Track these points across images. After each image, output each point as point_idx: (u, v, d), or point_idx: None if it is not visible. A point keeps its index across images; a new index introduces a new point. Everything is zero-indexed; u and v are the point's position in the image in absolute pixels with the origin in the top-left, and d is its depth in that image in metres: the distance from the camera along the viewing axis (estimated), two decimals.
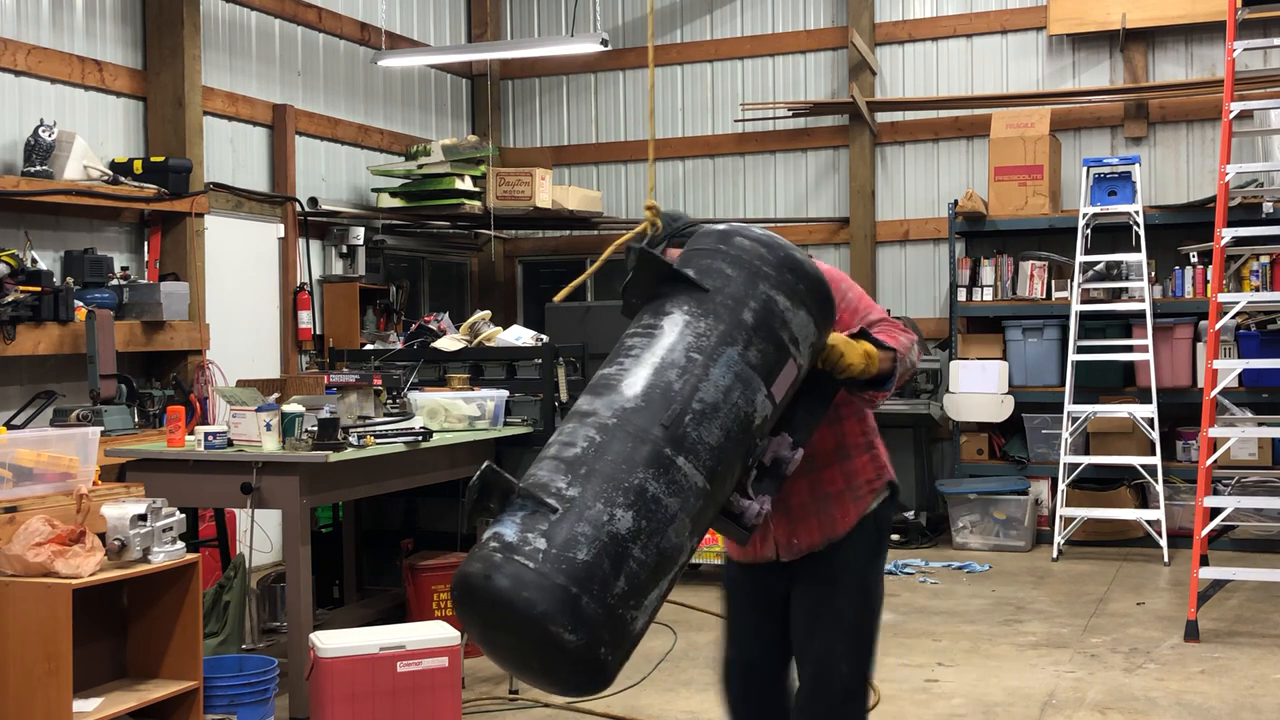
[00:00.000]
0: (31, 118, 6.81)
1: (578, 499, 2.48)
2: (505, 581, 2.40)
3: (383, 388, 6.26)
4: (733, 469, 2.68)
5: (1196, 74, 9.27)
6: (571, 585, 2.39)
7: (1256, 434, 7.83)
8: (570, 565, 2.40)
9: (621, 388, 2.63)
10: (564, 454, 2.57)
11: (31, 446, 4.45)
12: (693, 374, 2.64)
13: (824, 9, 10.26)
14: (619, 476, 2.51)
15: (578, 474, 2.51)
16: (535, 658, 2.48)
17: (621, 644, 2.48)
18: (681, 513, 2.54)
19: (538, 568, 2.40)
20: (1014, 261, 9.26)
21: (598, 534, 2.44)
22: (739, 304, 2.74)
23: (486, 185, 9.73)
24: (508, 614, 2.42)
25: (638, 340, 2.73)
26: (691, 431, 2.58)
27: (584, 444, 2.56)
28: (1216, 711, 5.17)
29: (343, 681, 4.62)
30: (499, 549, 2.44)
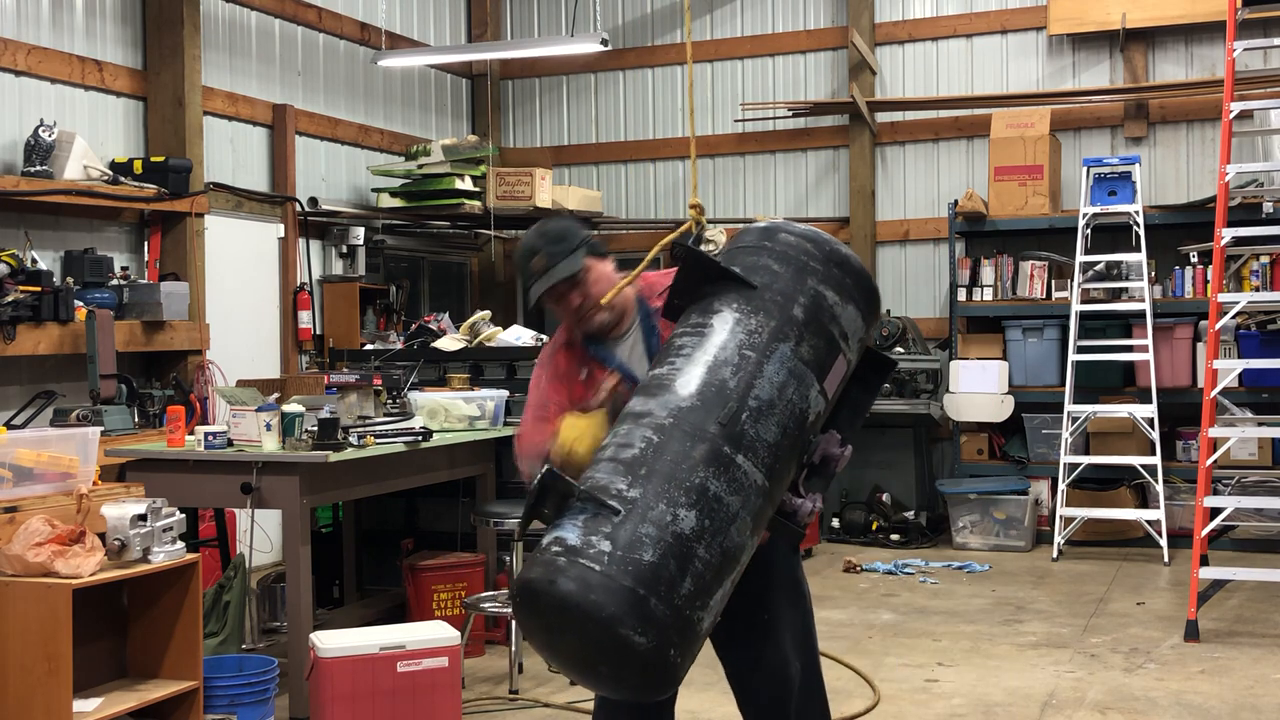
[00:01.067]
0: (31, 118, 6.81)
1: (640, 500, 2.44)
2: (571, 585, 2.36)
3: (383, 388, 6.26)
4: (790, 466, 2.65)
5: (1196, 74, 9.26)
6: (639, 587, 2.35)
7: (1256, 434, 7.83)
8: (637, 567, 2.37)
9: (675, 387, 2.60)
10: (621, 455, 2.53)
11: (31, 446, 4.45)
12: (747, 371, 2.61)
13: (824, 9, 10.26)
14: (679, 476, 2.48)
15: (638, 475, 2.48)
16: (604, 662, 2.44)
17: (689, 644, 2.45)
18: (743, 511, 2.51)
19: (604, 570, 2.36)
20: (1014, 261, 9.25)
21: (662, 534, 2.41)
22: (789, 300, 2.70)
23: (486, 185, 9.72)
24: (575, 618, 2.38)
25: (688, 340, 2.69)
26: (749, 429, 2.55)
27: (641, 445, 2.53)
28: (1216, 711, 5.17)
29: (343, 681, 4.62)
30: (562, 552, 2.40)
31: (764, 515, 2.60)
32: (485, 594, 6.09)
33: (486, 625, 6.22)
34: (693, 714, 5.23)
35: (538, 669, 5.89)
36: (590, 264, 3.23)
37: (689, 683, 5.60)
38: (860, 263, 2.85)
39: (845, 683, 5.59)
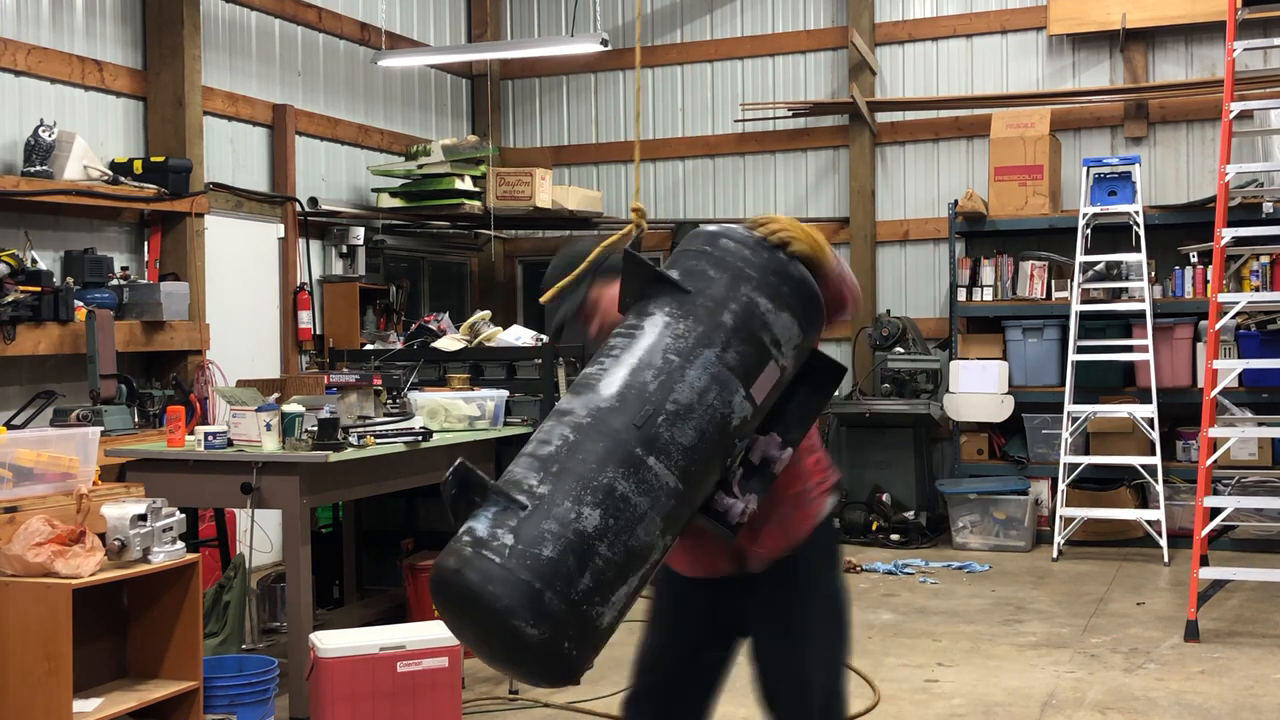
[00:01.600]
0: (31, 118, 6.81)
1: (547, 496, 2.52)
2: (473, 575, 2.45)
3: (383, 388, 6.26)
4: (710, 469, 2.71)
5: (1196, 74, 9.27)
6: (535, 580, 2.43)
7: (1256, 434, 7.83)
8: (535, 561, 2.44)
9: (599, 387, 2.66)
10: (539, 451, 2.62)
11: (31, 446, 4.45)
12: (668, 375, 2.65)
13: (824, 9, 10.26)
14: (589, 475, 2.54)
15: (549, 472, 2.55)
16: (501, 649, 2.54)
17: (587, 639, 2.52)
18: (652, 511, 2.56)
19: (503, 563, 2.44)
20: (1014, 261, 9.26)
21: (564, 531, 2.47)
22: (719, 306, 2.75)
23: (486, 185, 9.73)
24: (475, 607, 2.47)
25: (619, 341, 2.75)
26: (664, 432, 2.60)
27: (558, 442, 2.60)
28: (1216, 711, 5.17)
29: (343, 681, 4.62)
30: (470, 543, 2.49)
31: (679, 516, 2.66)
32: None
33: None
34: None
35: None
36: (597, 295, 3.19)
37: None
38: (802, 271, 2.86)
39: None
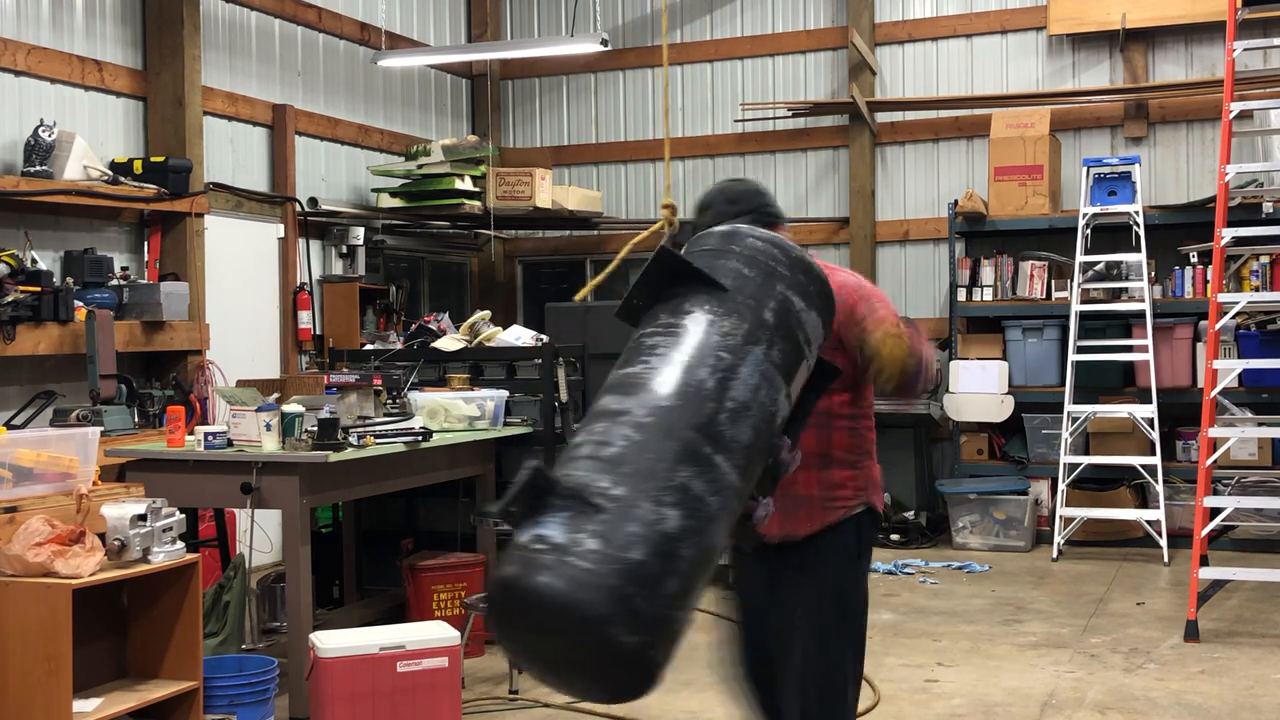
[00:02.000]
0: (31, 118, 6.81)
1: (624, 498, 2.41)
2: (561, 583, 2.30)
3: (383, 388, 6.26)
4: (759, 467, 2.68)
5: (1196, 74, 9.27)
6: (627, 585, 2.30)
7: (1256, 434, 7.83)
8: (625, 565, 2.32)
9: (653, 386, 2.59)
10: (601, 453, 2.49)
11: (31, 446, 4.45)
12: (724, 373, 2.61)
13: (824, 9, 10.26)
14: (663, 475, 2.45)
15: (621, 473, 2.44)
16: (588, 663, 2.41)
17: (672, 644, 2.44)
18: (722, 511, 2.51)
19: (593, 568, 2.31)
20: (1014, 261, 9.26)
21: (649, 533, 2.37)
22: (760, 304, 2.72)
23: (486, 185, 9.73)
24: (562, 617, 2.32)
25: (660, 339, 2.69)
26: (726, 430, 2.55)
27: (622, 443, 2.50)
28: (1216, 711, 5.17)
29: (343, 681, 4.62)
30: (547, 550, 2.34)
31: (736, 516, 2.62)
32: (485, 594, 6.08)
33: (486, 625, 6.19)
34: (693, 714, 5.23)
35: None
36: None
37: (689, 683, 5.61)
38: (821, 270, 2.91)
39: None
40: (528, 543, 2.37)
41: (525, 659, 2.54)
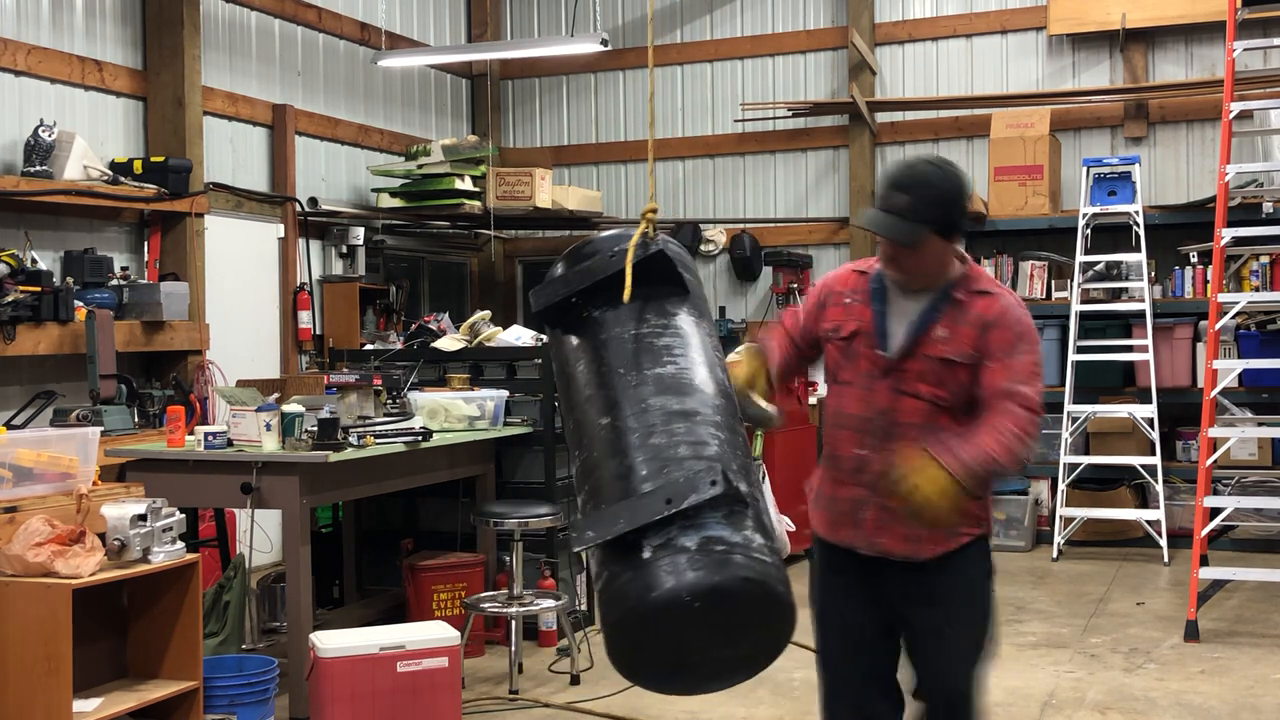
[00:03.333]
0: (31, 118, 6.81)
1: (749, 492, 2.53)
2: (761, 579, 2.41)
3: (383, 388, 6.26)
4: None
5: (1196, 74, 9.26)
6: (784, 569, 2.54)
7: (1256, 434, 7.83)
8: (779, 552, 2.54)
9: (698, 385, 2.67)
10: (704, 452, 2.53)
11: (31, 446, 4.45)
12: (721, 369, 2.81)
13: (824, 9, 10.26)
14: (749, 467, 2.65)
15: (733, 470, 2.54)
16: (763, 652, 2.55)
17: None
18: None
19: (772, 560, 2.46)
20: (1014, 261, 9.26)
21: (769, 520, 2.59)
22: (705, 303, 2.96)
23: (486, 185, 9.72)
24: (764, 610, 2.42)
25: (668, 340, 2.73)
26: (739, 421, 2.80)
27: (716, 445, 2.57)
28: (1216, 711, 5.17)
29: (343, 681, 4.62)
30: (731, 549, 2.39)
31: None
32: (485, 594, 6.09)
33: (486, 625, 6.22)
34: (692, 714, 5.23)
35: (538, 669, 5.90)
36: (930, 240, 3.15)
37: None
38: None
39: None
40: (702, 544, 2.37)
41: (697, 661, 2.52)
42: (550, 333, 2.85)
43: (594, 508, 2.51)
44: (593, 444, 2.59)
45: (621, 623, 2.40)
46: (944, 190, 3.17)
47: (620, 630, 2.43)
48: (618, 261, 2.73)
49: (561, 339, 2.79)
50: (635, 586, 2.37)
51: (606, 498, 2.49)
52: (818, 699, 3.45)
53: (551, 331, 2.83)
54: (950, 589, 3.24)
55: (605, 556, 2.43)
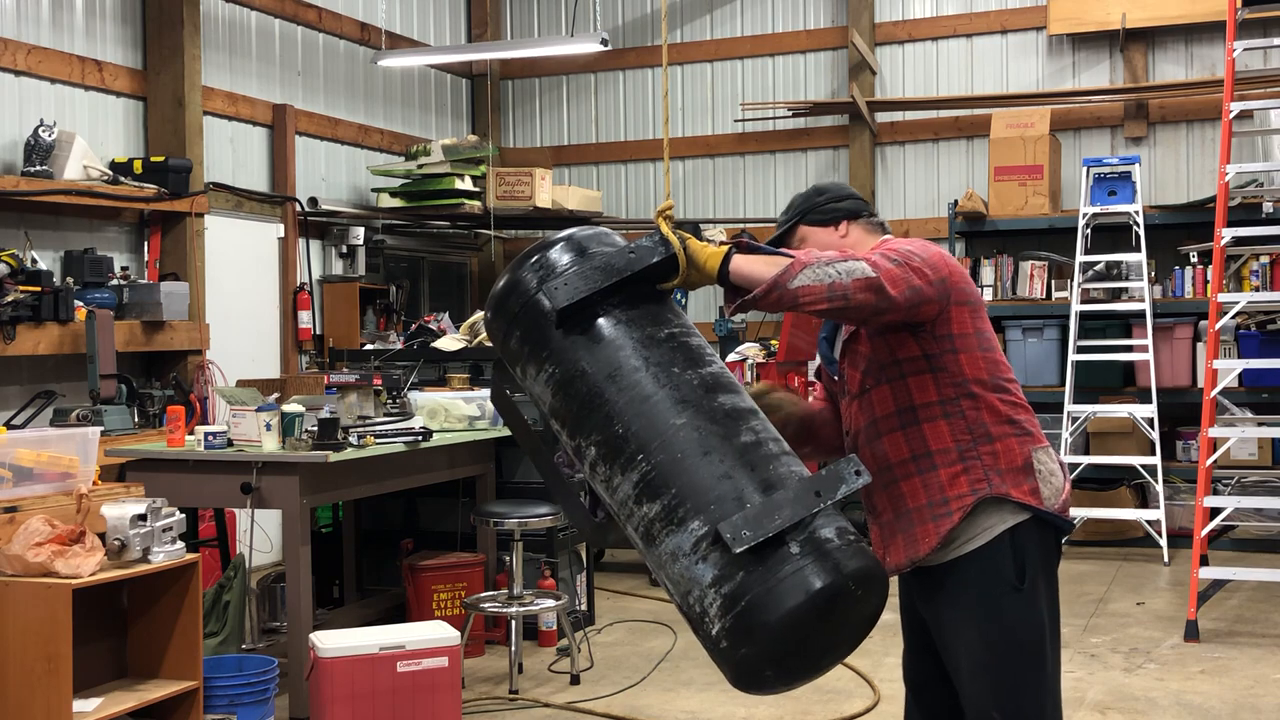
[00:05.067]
0: (31, 118, 6.81)
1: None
2: (875, 562, 2.53)
3: (383, 388, 6.26)
4: None
5: (1196, 74, 9.27)
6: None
7: (1256, 434, 7.83)
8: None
9: (739, 386, 2.68)
10: (787, 448, 2.60)
11: (31, 446, 4.45)
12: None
13: (824, 9, 10.26)
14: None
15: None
16: (863, 632, 2.61)
17: None
18: None
19: (870, 549, 2.56)
20: (1014, 261, 9.26)
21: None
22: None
23: (486, 185, 9.73)
24: (882, 589, 2.56)
25: (697, 340, 2.70)
26: None
27: (773, 444, 2.60)
28: (1216, 711, 5.17)
29: (343, 681, 4.62)
30: (853, 538, 2.49)
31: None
32: (485, 594, 6.09)
33: (486, 625, 6.22)
34: (692, 714, 5.23)
35: (538, 669, 5.90)
36: (805, 233, 3.05)
37: (689, 683, 5.62)
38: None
39: (845, 683, 5.59)
40: (840, 534, 2.45)
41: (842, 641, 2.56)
42: (564, 333, 2.59)
43: (693, 511, 2.40)
44: (668, 447, 2.45)
45: (787, 620, 2.35)
46: (806, 190, 3.16)
47: (782, 630, 2.36)
48: (640, 259, 2.63)
49: (579, 340, 2.58)
50: (798, 581, 2.34)
51: (716, 499, 2.40)
52: None
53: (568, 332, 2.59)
54: (952, 599, 2.88)
55: (738, 558, 2.34)
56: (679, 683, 5.66)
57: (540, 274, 2.65)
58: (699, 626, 2.43)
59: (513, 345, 2.68)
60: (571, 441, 2.61)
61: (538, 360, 2.63)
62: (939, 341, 2.83)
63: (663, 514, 2.43)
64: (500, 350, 2.76)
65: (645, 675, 5.74)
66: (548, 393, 2.63)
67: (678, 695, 5.47)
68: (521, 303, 2.64)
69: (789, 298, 2.61)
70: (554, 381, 2.60)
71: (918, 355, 2.83)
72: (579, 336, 2.59)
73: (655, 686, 5.60)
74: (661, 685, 5.62)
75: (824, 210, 3.06)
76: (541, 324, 2.61)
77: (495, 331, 2.75)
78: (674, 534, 2.41)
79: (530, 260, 2.68)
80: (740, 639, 2.37)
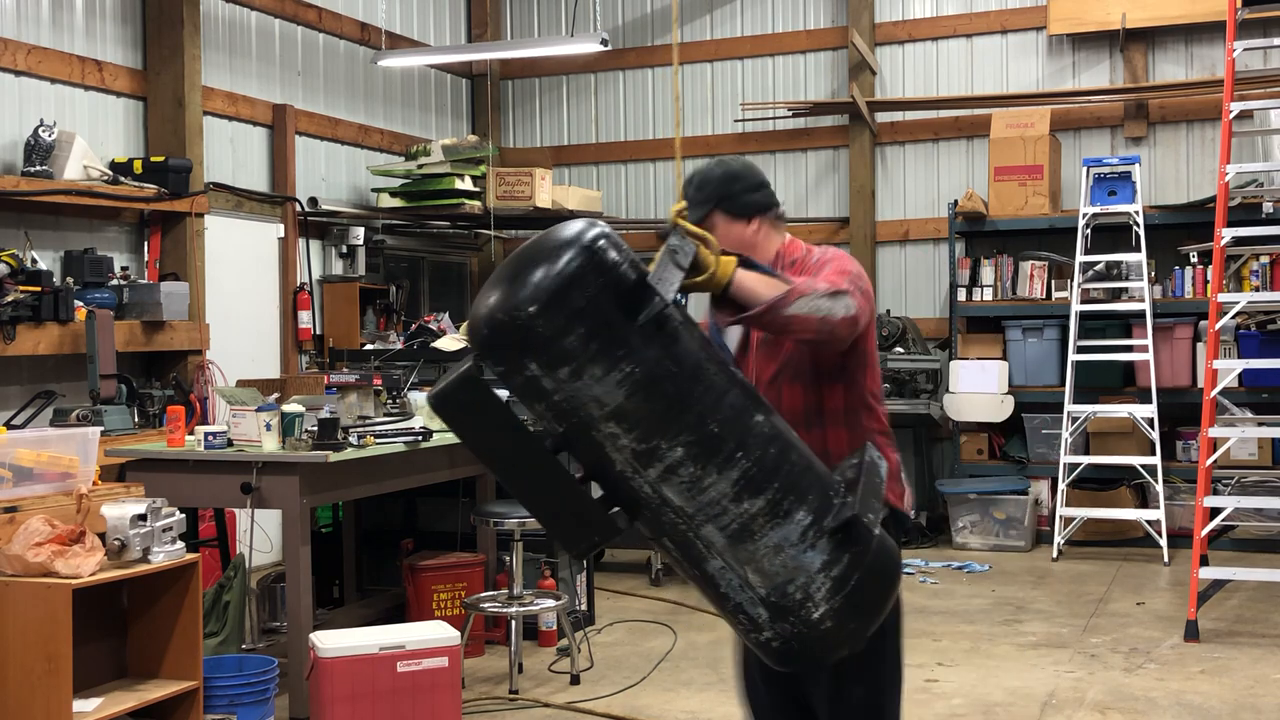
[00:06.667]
0: (31, 118, 6.81)
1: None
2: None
3: (383, 388, 6.26)
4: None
5: (1196, 74, 9.26)
6: None
7: (1256, 434, 7.83)
8: None
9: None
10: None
11: (31, 446, 4.45)
12: None
13: (824, 9, 10.26)
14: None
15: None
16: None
17: None
18: None
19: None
20: (1014, 261, 9.26)
21: None
22: None
23: (486, 185, 9.72)
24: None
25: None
26: None
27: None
28: (1216, 711, 5.18)
29: (343, 681, 4.62)
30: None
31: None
32: (485, 594, 6.09)
33: (486, 625, 6.22)
34: (692, 714, 5.23)
35: (538, 669, 5.90)
36: (716, 222, 3.01)
37: (689, 683, 5.63)
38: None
39: None
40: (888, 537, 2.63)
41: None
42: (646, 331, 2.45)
43: (797, 503, 2.51)
44: (761, 442, 2.51)
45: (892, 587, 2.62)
46: (719, 174, 3.07)
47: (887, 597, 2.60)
48: (686, 254, 2.64)
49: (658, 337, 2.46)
50: (890, 552, 2.59)
51: (810, 489, 2.54)
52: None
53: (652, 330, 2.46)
54: None
55: (841, 542, 2.51)
56: (679, 683, 5.67)
57: (614, 266, 2.46)
58: (792, 613, 2.50)
59: (568, 344, 2.40)
60: (642, 445, 2.44)
61: (608, 360, 2.40)
62: (856, 355, 3.00)
63: (767, 508, 2.49)
64: (532, 352, 2.43)
65: (645, 675, 5.74)
66: (618, 394, 2.41)
67: (678, 695, 5.47)
68: (589, 296, 2.41)
69: (780, 322, 2.72)
70: (632, 382, 2.41)
71: (839, 365, 2.98)
72: (659, 334, 2.46)
73: (655, 686, 5.60)
74: (661, 685, 5.63)
75: (740, 202, 3.06)
76: (616, 320, 2.42)
77: (541, 330, 2.41)
78: (780, 526, 2.48)
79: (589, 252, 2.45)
80: (850, 614, 2.52)
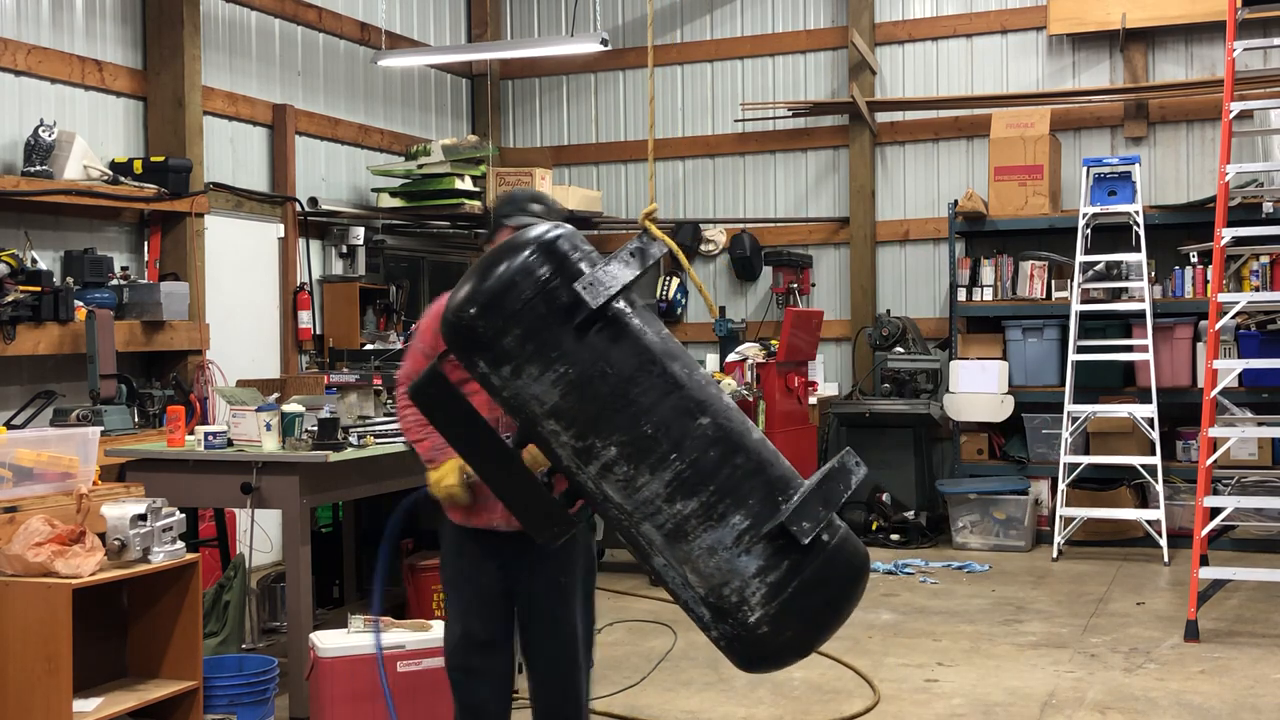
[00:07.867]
0: (31, 118, 6.81)
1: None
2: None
3: (383, 388, 6.26)
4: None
5: (1196, 74, 9.26)
6: None
7: (1256, 434, 7.83)
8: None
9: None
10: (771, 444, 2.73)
11: (31, 446, 4.45)
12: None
13: (824, 9, 10.26)
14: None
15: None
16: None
17: None
18: None
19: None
20: (1014, 261, 9.26)
21: None
22: None
23: (486, 185, 9.73)
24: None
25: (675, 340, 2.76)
26: None
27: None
28: (1216, 711, 5.17)
29: (343, 681, 4.62)
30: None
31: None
32: None
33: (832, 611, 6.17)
34: (692, 714, 5.23)
35: None
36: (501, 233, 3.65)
37: (689, 682, 5.62)
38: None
39: (845, 683, 5.59)
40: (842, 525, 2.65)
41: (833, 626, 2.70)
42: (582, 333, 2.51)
43: (734, 506, 2.48)
44: (699, 445, 2.48)
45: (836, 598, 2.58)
46: (511, 194, 3.80)
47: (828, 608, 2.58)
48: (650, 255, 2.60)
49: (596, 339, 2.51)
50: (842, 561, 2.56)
51: (752, 494, 2.50)
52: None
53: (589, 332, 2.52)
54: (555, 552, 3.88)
55: (781, 548, 2.48)
56: (679, 683, 5.66)
57: (552, 270, 2.52)
58: (729, 616, 2.49)
59: (507, 344, 2.50)
60: (579, 443, 2.51)
61: (543, 360, 2.49)
62: None
63: (700, 511, 2.48)
64: (478, 350, 2.55)
65: (645, 675, 5.74)
66: (553, 393, 2.50)
67: (678, 695, 5.47)
68: (525, 300, 2.50)
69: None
70: (565, 382, 2.48)
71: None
72: (597, 335, 2.50)
73: (655, 686, 5.60)
74: (661, 685, 5.62)
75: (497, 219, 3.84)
76: (550, 322, 2.49)
77: (482, 330, 2.53)
78: (713, 529, 2.47)
79: (529, 256, 2.54)
80: (786, 622, 2.49)
